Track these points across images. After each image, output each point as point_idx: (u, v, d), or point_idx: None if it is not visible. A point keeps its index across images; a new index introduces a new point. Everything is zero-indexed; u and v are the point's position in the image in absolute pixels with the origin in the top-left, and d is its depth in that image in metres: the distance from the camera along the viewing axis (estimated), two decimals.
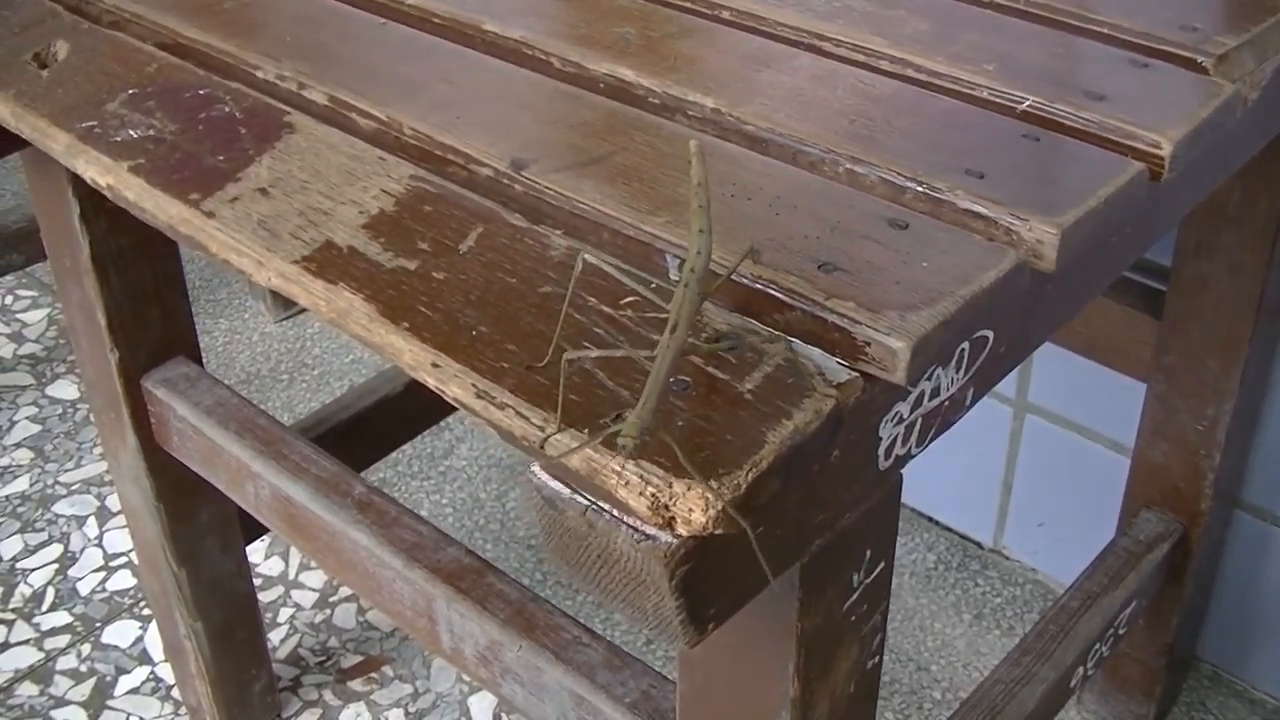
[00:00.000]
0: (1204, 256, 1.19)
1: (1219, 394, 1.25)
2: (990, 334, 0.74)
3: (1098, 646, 1.26)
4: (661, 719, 0.90)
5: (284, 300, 2.12)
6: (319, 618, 1.67)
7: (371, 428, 1.49)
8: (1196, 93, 0.85)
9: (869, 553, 0.74)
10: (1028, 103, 0.84)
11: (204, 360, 2.03)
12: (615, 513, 0.59)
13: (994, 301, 0.68)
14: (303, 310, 2.14)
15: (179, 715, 1.55)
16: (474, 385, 0.65)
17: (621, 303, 0.68)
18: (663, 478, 0.57)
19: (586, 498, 0.60)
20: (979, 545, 1.75)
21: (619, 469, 0.59)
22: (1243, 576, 1.50)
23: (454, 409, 1.60)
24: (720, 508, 0.57)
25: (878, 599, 0.78)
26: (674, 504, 0.57)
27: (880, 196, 0.76)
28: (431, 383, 0.67)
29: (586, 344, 0.65)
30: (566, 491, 0.61)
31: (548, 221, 0.75)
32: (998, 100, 0.85)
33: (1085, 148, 0.80)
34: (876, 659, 0.81)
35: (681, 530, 0.58)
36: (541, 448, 0.61)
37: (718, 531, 0.57)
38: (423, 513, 1.78)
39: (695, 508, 0.57)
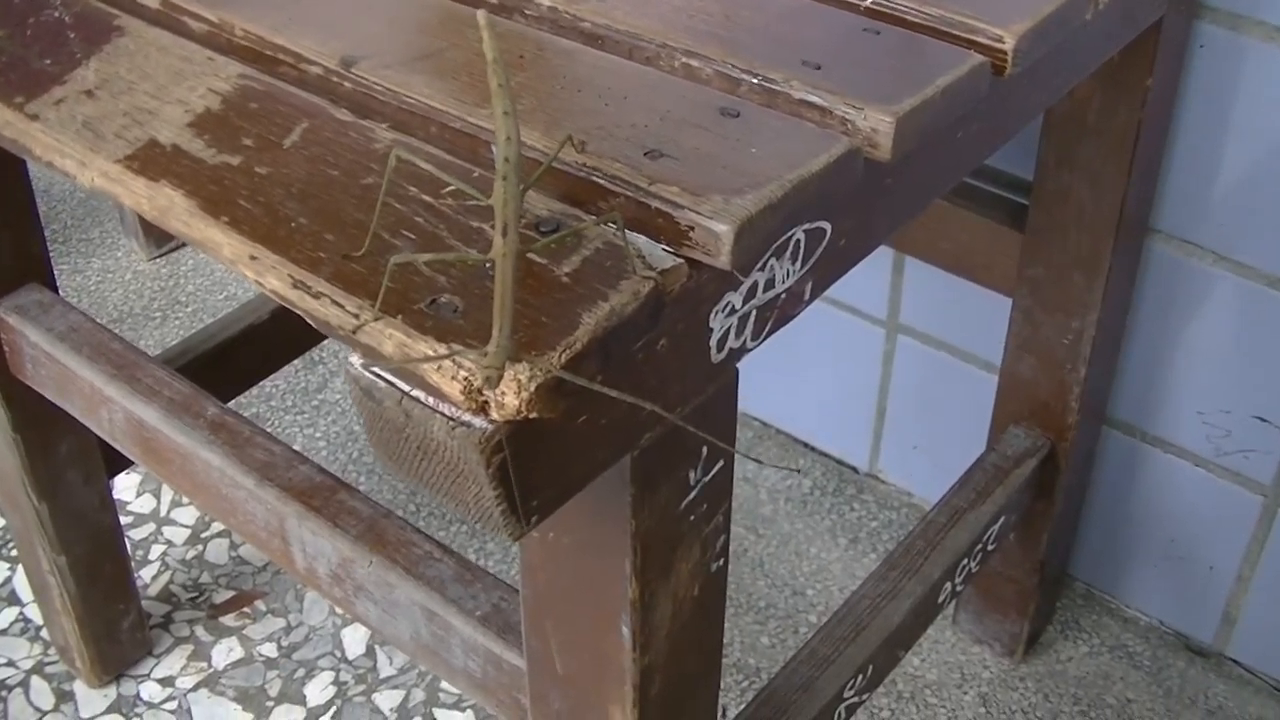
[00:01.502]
0: (1065, 168, 1.19)
1: (1083, 307, 1.25)
2: (828, 225, 0.73)
3: (965, 562, 1.26)
4: (512, 631, 0.89)
5: (157, 238, 2.08)
6: (190, 554, 1.65)
7: (238, 357, 1.47)
8: None
9: (705, 449, 0.73)
10: None
11: (77, 300, 2.00)
12: (430, 400, 0.58)
13: (825, 189, 0.67)
14: (177, 247, 2.10)
15: (48, 655, 1.53)
16: (290, 275, 0.63)
17: (443, 192, 0.66)
18: (475, 360, 0.56)
19: (401, 386, 0.59)
20: (854, 470, 1.74)
21: (431, 353, 0.57)
22: (1113, 494, 1.51)
23: (322, 336, 1.58)
24: (541, 380, 0.55)
25: (719, 498, 0.77)
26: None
27: (716, 88, 0.74)
28: (250, 275, 0.65)
29: (408, 234, 0.64)
30: (382, 381, 0.60)
31: (375, 116, 0.74)
32: None
33: (927, 41, 0.80)
34: (721, 561, 0.80)
35: (496, 415, 0.56)
36: (354, 334, 0.60)
37: (532, 415, 0.56)
38: (296, 446, 1.76)
39: (508, 390, 0.56)
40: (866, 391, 1.66)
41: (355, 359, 0.61)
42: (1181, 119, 1.25)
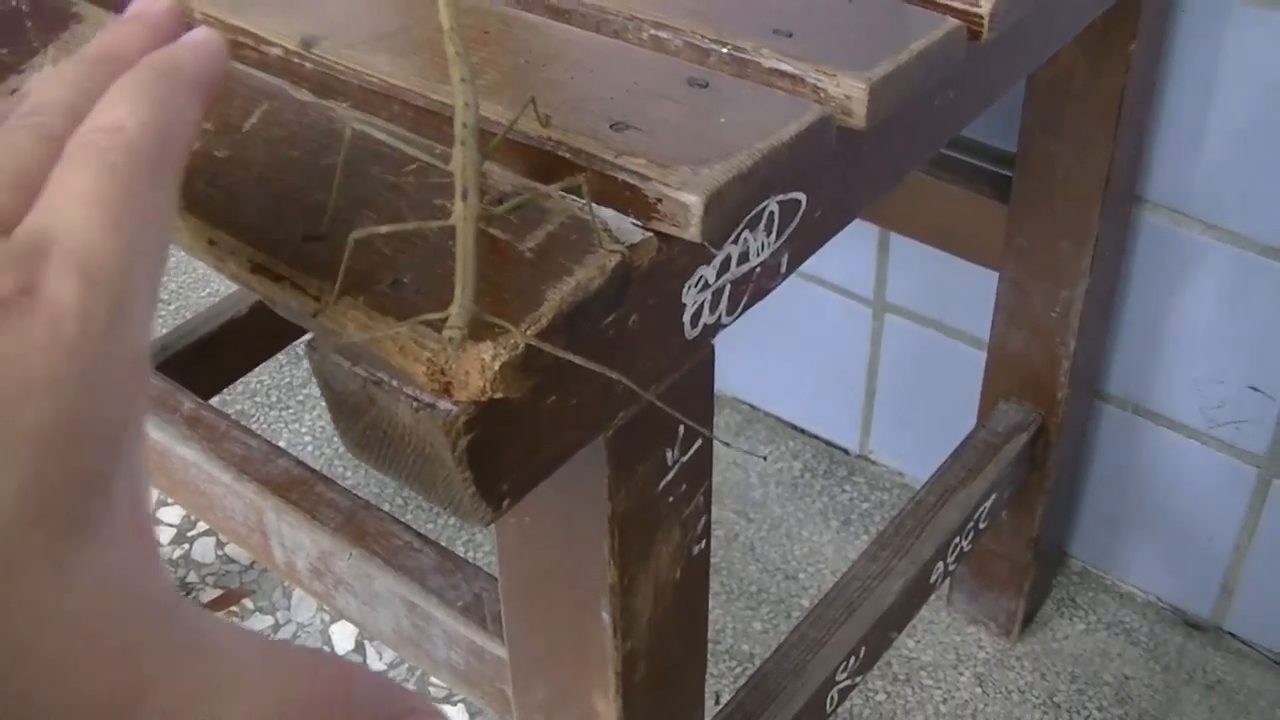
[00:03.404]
0: (1050, 135, 1.17)
1: (1071, 276, 1.23)
2: (802, 197, 0.71)
3: (957, 540, 1.25)
4: (494, 621, 0.88)
5: None
6: (177, 553, 1.63)
7: (219, 352, 1.46)
8: None
9: (683, 429, 0.72)
10: None
11: None
12: (394, 383, 0.56)
13: (797, 158, 0.66)
14: None
15: None
16: (250, 259, 0.61)
17: (404, 170, 0.64)
18: (438, 340, 0.54)
19: (365, 370, 0.57)
20: (845, 451, 1.73)
21: (394, 335, 0.55)
22: (1109, 470, 1.50)
23: (304, 330, 1.57)
24: (505, 359, 0.54)
25: (698, 479, 0.75)
26: (450, 367, 0.54)
27: (685, 60, 0.73)
28: (210, 261, 0.63)
29: (369, 212, 0.62)
30: (346, 364, 0.58)
31: (336, 96, 0.72)
32: None
33: (901, 6, 0.78)
34: (703, 544, 0.78)
35: (460, 396, 0.55)
36: (315, 317, 0.58)
37: (498, 395, 0.54)
38: (281, 442, 1.75)
39: (472, 370, 0.54)
40: (855, 372, 1.64)
41: (315, 343, 0.59)
42: (1167, 85, 1.23)
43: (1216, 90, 1.21)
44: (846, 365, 1.65)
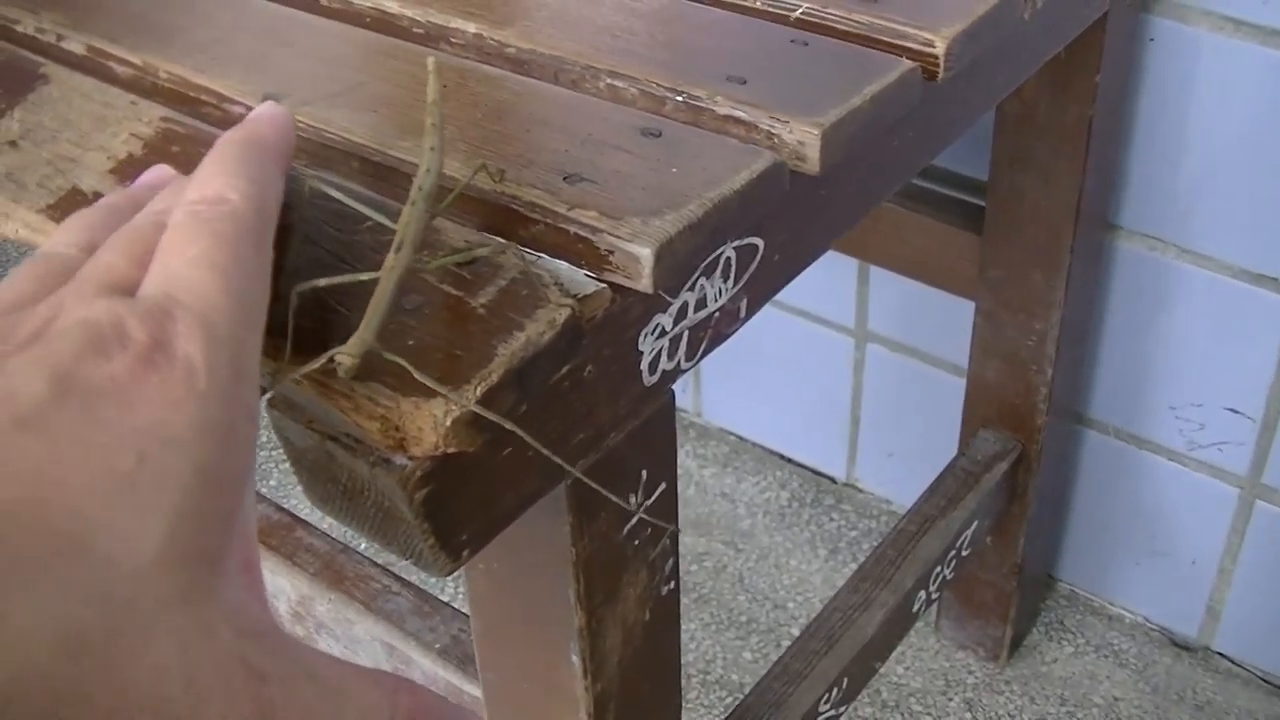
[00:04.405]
0: (1018, 168, 1.18)
1: (1045, 306, 1.24)
2: (759, 241, 0.72)
3: (939, 569, 1.26)
4: (471, 662, 0.89)
5: None
6: None
7: None
8: None
9: (645, 473, 0.72)
10: (800, 10, 0.82)
11: None
12: (351, 440, 0.57)
13: (750, 205, 0.67)
14: None
15: None
16: None
17: (360, 228, 0.65)
18: (390, 397, 0.55)
19: (322, 427, 0.58)
20: (832, 480, 1.74)
21: (348, 393, 0.56)
22: (1095, 494, 1.51)
23: None
24: (457, 415, 0.55)
25: (664, 521, 0.76)
26: (404, 423, 0.55)
27: (640, 109, 0.74)
28: None
29: (323, 273, 0.63)
30: (300, 425, 0.59)
31: (295, 154, 0.73)
32: (770, 10, 0.83)
33: (855, 49, 0.79)
34: (672, 584, 0.79)
35: (414, 451, 0.55)
36: (271, 377, 0.59)
37: (450, 450, 0.55)
38: (272, 482, 1.76)
39: (425, 425, 0.55)
40: (839, 401, 1.65)
41: (264, 402, 0.60)
42: (1138, 114, 1.24)
43: (1188, 117, 1.22)
44: (831, 395, 1.66)
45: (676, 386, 1.68)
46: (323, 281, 0.60)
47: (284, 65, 0.80)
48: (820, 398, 1.67)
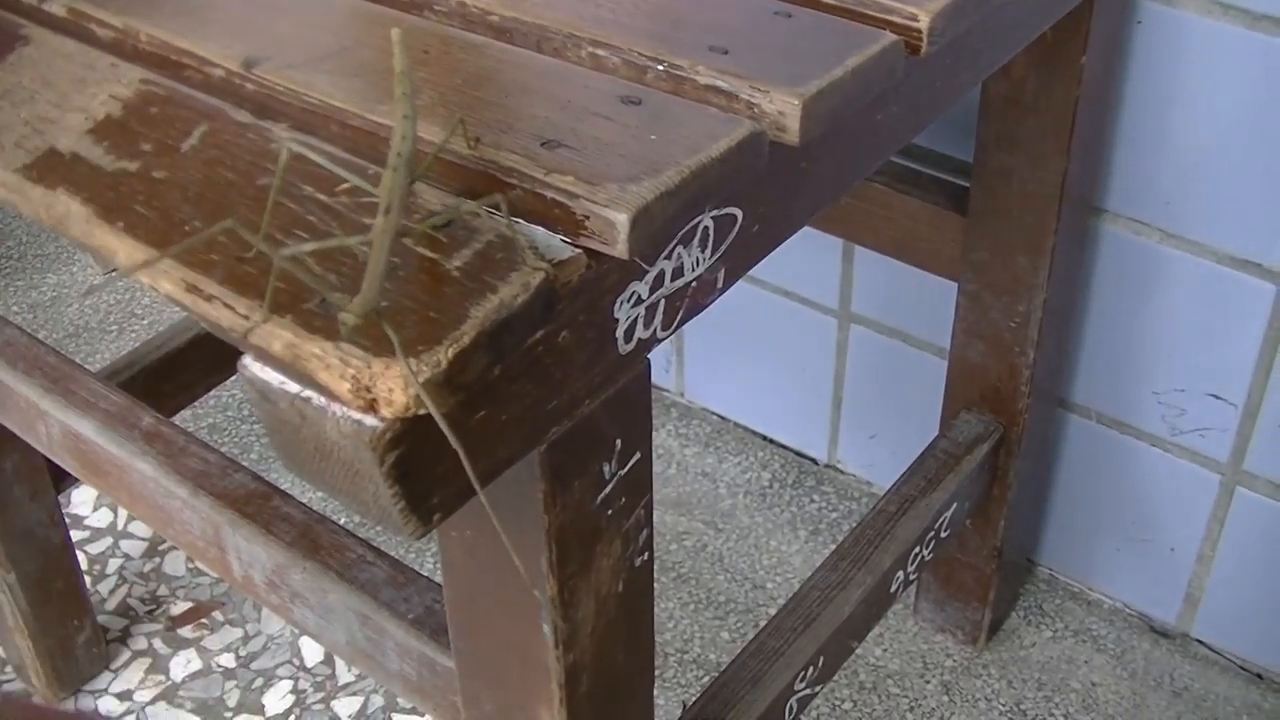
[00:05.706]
0: (1005, 149, 1.18)
1: (1029, 289, 1.24)
2: (738, 212, 0.72)
3: (918, 550, 1.25)
4: (444, 633, 0.88)
5: None
6: (148, 567, 1.63)
7: (186, 367, 1.46)
8: None
9: (620, 442, 0.72)
10: None
11: (32, 314, 1.99)
12: (322, 399, 0.57)
13: (728, 174, 0.66)
14: None
15: (4, 672, 1.51)
16: (183, 279, 0.62)
17: (337, 190, 0.65)
18: (362, 358, 0.55)
19: (293, 388, 0.58)
20: (814, 461, 1.74)
21: (320, 353, 0.56)
22: (1076, 478, 1.50)
23: None
24: (427, 376, 0.55)
25: (638, 492, 0.76)
26: (375, 384, 0.55)
27: (622, 78, 0.73)
28: (146, 280, 0.64)
29: (301, 233, 0.63)
30: (275, 381, 0.59)
31: (276, 117, 0.73)
32: None
33: (839, 22, 0.79)
34: (646, 556, 0.79)
35: (385, 412, 0.55)
36: (245, 337, 0.59)
37: (421, 412, 0.55)
38: (253, 455, 1.75)
39: (395, 387, 0.55)
40: (822, 382, 1.65)
41: (247, 359, 0.60)
42: (1125, 96, 1.24)
43: (1174, 100, 1.22)
44: (814, 376, 1.65)
45: (659, 366, 1.68)
46: (309, 246, 0.60)
47: (267, 30, 0.80)
48: (803, 379, 1.67)
